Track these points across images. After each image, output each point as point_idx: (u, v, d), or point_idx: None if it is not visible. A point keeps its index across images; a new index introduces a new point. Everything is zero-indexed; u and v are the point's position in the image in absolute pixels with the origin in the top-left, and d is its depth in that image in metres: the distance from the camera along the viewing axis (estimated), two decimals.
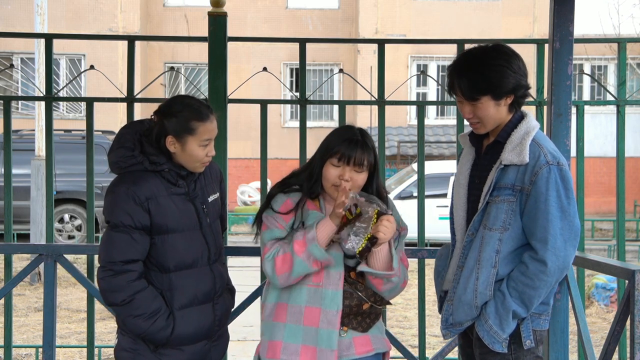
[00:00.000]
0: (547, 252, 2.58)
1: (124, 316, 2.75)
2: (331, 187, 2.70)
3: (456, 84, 2.69)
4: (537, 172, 2.60)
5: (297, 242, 2.64)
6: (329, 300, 2.65)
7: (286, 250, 2.66)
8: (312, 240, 2.62)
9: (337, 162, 2.68)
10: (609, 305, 8.63)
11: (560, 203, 2.59)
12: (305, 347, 2.65)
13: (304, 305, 2.67)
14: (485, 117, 2.69)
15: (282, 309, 2.71)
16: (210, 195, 2.95)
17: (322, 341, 2.64)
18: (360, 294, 2.70)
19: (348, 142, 2.69)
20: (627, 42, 4.23)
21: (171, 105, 2.83)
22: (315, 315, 2.66)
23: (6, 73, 17.28)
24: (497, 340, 2.63)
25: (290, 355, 2.66)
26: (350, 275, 2.71)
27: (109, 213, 2.76)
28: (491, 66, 2.64)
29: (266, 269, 2.69)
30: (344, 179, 2.66)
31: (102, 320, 7.63)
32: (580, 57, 17.86)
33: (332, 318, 2.65)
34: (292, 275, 2.65)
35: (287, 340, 2.67)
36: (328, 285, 2.67)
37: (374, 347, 2.75)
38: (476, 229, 2.71)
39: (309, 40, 4.18)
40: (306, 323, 2.66)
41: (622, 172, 4.18)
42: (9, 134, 4.07)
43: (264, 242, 2.75)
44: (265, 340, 2.73)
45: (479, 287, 2.66)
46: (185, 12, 19.28)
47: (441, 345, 5.85)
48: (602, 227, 15.95)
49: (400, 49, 18.23)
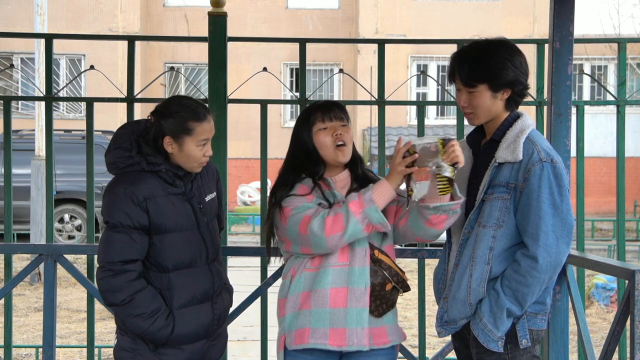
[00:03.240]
0: (538, 249, 2.58)
1: (123, 316, 2.75)
2: (333, 151, 2.73)
3: (456, 70, 2.71)
4: (530, 169, 2.61)
5: (352, 202, 2.57)
6: (356, 277, 2.63)
7: (338, 211, 2.59)
8: (370, 202, 2.56)
9: (323, 123, 2.74)
10: (609, 305, 8.63)
11: (552, 200, 2.60)
12: (334, 330, 2.63)
13: (329, 287, 2.64)
14: (479, 106, 2.70)
15: (306, 297, 2.68)
16: (207, 194, 2.96)
17: (352, 320, 2.62)
18: (384, 273, 2.68)
19: (319, 106, 2.79)
20: (627, 42, 4.23)
21: (168, 105, 2.83)
22: (341, 295, 2.64)
23: (6, 73, 17.28)
24: (492, 338, 2.63)
25: (318, 339, 2.64)
26: (374, 254, 2.69)
27: (108, 213, 2.76)
28: (493, 56, 2.67)
29: (313, 229, 2.59)
30: (338, 133, 2.71)
31: (102, 320, 7.63)
32: (580, 57, 17.86)
33: (360, 296, 2.63)
34: (345, 237, 2.58)
35: (314, 326, 2.64)
36: (355, 263, 2.65)
37: (390, 338, 2.74)
38: (472, 227, 2.72)
39: (309, 40, 4.18)
40: (332, 305, 2.63)
41: (622, 172, 4.18)
42: (9, 134, 4.07)
43: (298, 215, 2.65)
44: (292, 330, 2.69)
45: (472, 284, 2.67)
46: (185, 12, 19.28)
47: (441, 345, 5.85)
48: (602, 227, 15.95)
49: (400, 49, 18.23)
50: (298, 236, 2.65)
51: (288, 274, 2.76)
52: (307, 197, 2.70)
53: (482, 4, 18.91)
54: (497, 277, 2.67)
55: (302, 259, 2.73)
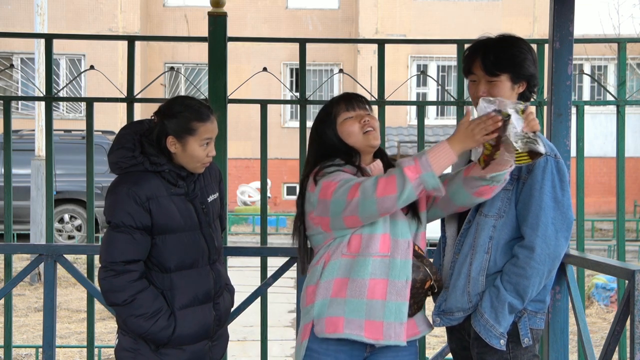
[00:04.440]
0: (536, 239, 2.60)
1: (125, 316, 2.75)
2: (363, 138, 2.66)
3: (479, 60, 2.71)
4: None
5: (408, 167, 2.39)
6: (397, 270, 2.53)
7: (392, 173, 2.42)
8: (427, 167, 2.39)
9: (348, 112, 2.67)
10: (609, 305, 8.63)
11: (554, 193, 2.63)
12: (370, 322, 2.51)
13: (368, 278, 2.51)
14: (498, 96, 2.70)
15: (341, 284, 2.54)
16: (209, 195, 2.96)
17: (390, 314, 2.51)
18: (427, 269, 2.60)
19: (340, 98, 2.72)
20: (627, 42, 4.23)
21: (171, 105, 2.84)
22: (381, 287, 2.51)
23: (6, 73, 17.27)
24: (494, 334, 2.63)
25: (353, 329, 2.50)
26: (415, 249, 2.62)
27: (110, 213, 2.77)
28: (517, 47, 2.72)
29: (365, 188, 2.43)
30: (365, 120, 2.65)
31: (102, 320, 7.63)
32: (580, 57, 17.86)
33: (401, 289, 2.53)
34: (398, 201, 2.41)
35: (349, 316, 2.51)
36: (396, 255, 2.54)
37: (420, 329, 2.68)
38: (473, 216, 2.74)
39: (309, 41, 4.18)
40: (370, 296, 2.51)
41: (622, 172, 4.18)
42: (9, 134, 4.07)
43: (347, 184, 2.49)
44: (322, 317, 2.54)
45: (472, 273, 2.68)
46: (185, 12, 19.27)
47: (441, 345, 5.85)
48: (602, 227, 15.94)
49: (400, 49, 18.22)
50: (345, 204, 2.47)
51: (321, 259, 2.61)
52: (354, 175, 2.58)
53: (482, 4, 18.90)
54: (497, 271, 2.68)
55: (339, 244, 2.58)
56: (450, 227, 2.85)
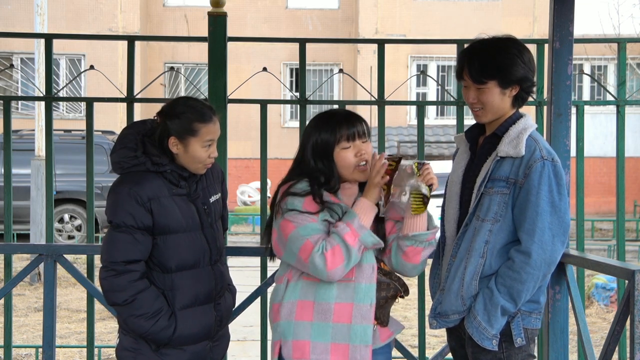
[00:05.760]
0: (532, 244, 2.60)
1: (126, 316, 2.75)
2: (354, 171, 2.67)
3: (466, 67, 2.72)
4: (531, 165, 2.63)
5: (346, 234, 2.55)
6: (362, 294, 2.60)
7: (334, 244, 2.55)
8: (362, 229, 2.56)
9: (347, 143, 2.67)
10: (609, 305, 8.62)
11: (551, 198, 2.62)
12: (336, 345, 2.58)
13: (333, 302, 2.59)
14: (488, 103, 2.71)
15: (306, 307, 2.61)
16: (211, 195, 2.96)
17: (356, 337, 2.58)
18: (396, 284, 2.68)
19: (343, 121, 2.68)
20: (627, 42, 4.23)
21: (174, 106, 2.84)
22: (346, 311, 2.59)
23: (6, 73, 17.27)
24: (486, 336, 2.64)
25: (320, 354, 2.58)
26: (382, 267, 2.69)
27: (112, 213, 2.77)
28: (503, 52, 2.69)
29: (316, 264, 2.54)
30: (361, 153, 2.67)
31: (102, 320, 7.63)
32: (580, 57, 17.86)
33: (366, 312, 2.60)
34: (347, 268, 2.56)
35: (315, 340, 2.59)
36: (361, 279, 2.61)
37: (392, 329, 2.75)
38: (470, 220, 2.73)
39: (309, 41, 4.18)
40: (336, 320, 2.58)
41: (622, 172, 4.18)
42: (9, 134, 4.07)
43: (300, 239, 2.57)
44: (288, 339, 2.62)
45: (465, 277, 2.68)
46: (185, 12, 19.27)
47: (441, 345, 5.85)
48: (602, 227, 15.94)
49: (400, 49, 18.23)
50: (297, 258, 2.59)
51: (283, 277, 2.69)
52: (311, 218, 2.60)
53: (482, 4, 18.90)
54: (491, 274, 2.68)
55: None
56: (449, 228, 2.85)
